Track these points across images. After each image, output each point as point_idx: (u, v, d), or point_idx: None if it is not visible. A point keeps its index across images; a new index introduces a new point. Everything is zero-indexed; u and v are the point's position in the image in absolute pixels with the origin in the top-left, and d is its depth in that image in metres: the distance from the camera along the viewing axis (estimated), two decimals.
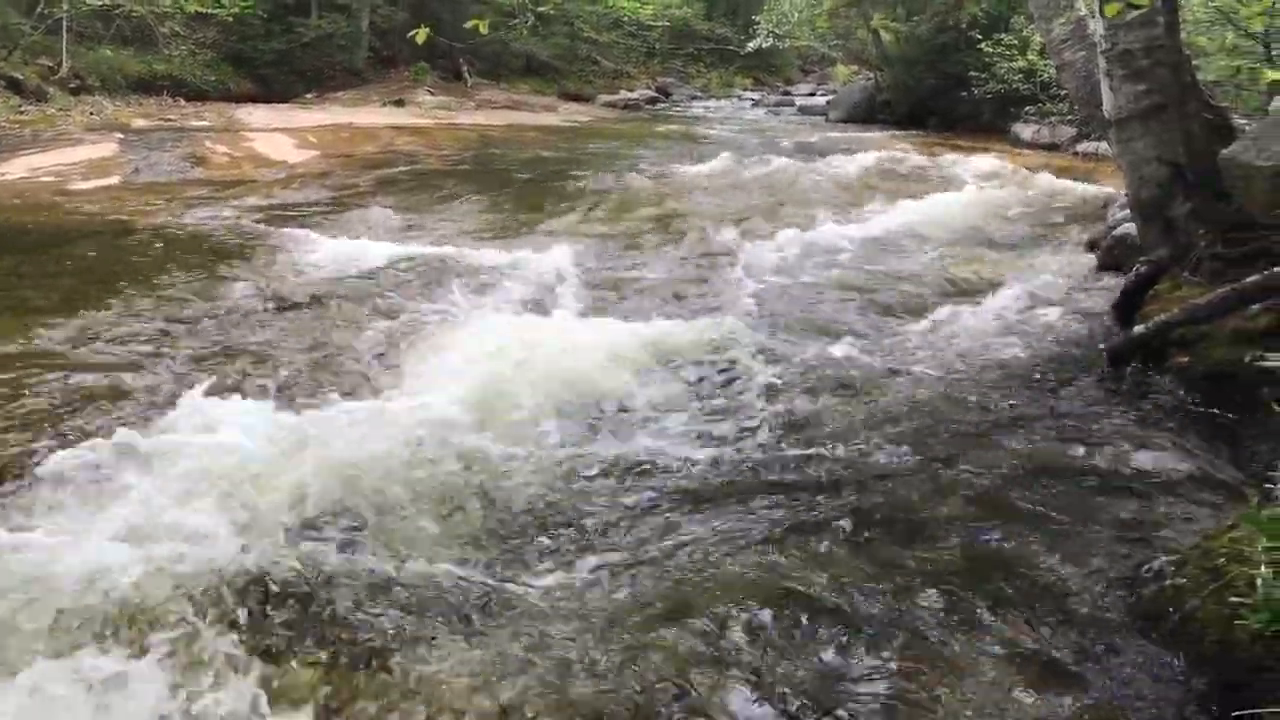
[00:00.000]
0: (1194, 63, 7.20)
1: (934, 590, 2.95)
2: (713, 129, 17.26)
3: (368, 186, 10.01)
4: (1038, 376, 4.84)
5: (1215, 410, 4.33)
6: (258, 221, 8.09)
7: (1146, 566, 2.96)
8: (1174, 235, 5.44)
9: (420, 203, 9.11)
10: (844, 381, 4.73)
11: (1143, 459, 3.88)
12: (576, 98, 22.68)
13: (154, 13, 16.94)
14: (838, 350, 5.15)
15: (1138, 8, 4.62)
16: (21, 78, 14.30)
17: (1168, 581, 2.81)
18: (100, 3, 15.93)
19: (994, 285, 6.34)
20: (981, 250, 7.45)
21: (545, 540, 3.29)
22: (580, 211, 8.85)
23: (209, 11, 17.51)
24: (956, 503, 3.51)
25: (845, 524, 3.35)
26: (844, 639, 2.73)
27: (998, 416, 4.34)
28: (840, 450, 3.97)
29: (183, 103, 16.20)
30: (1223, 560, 2.67)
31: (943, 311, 5.83)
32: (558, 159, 12.57)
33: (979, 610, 2.86)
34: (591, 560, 3.16)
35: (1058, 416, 4.34)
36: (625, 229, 8.14)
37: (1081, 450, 3.97)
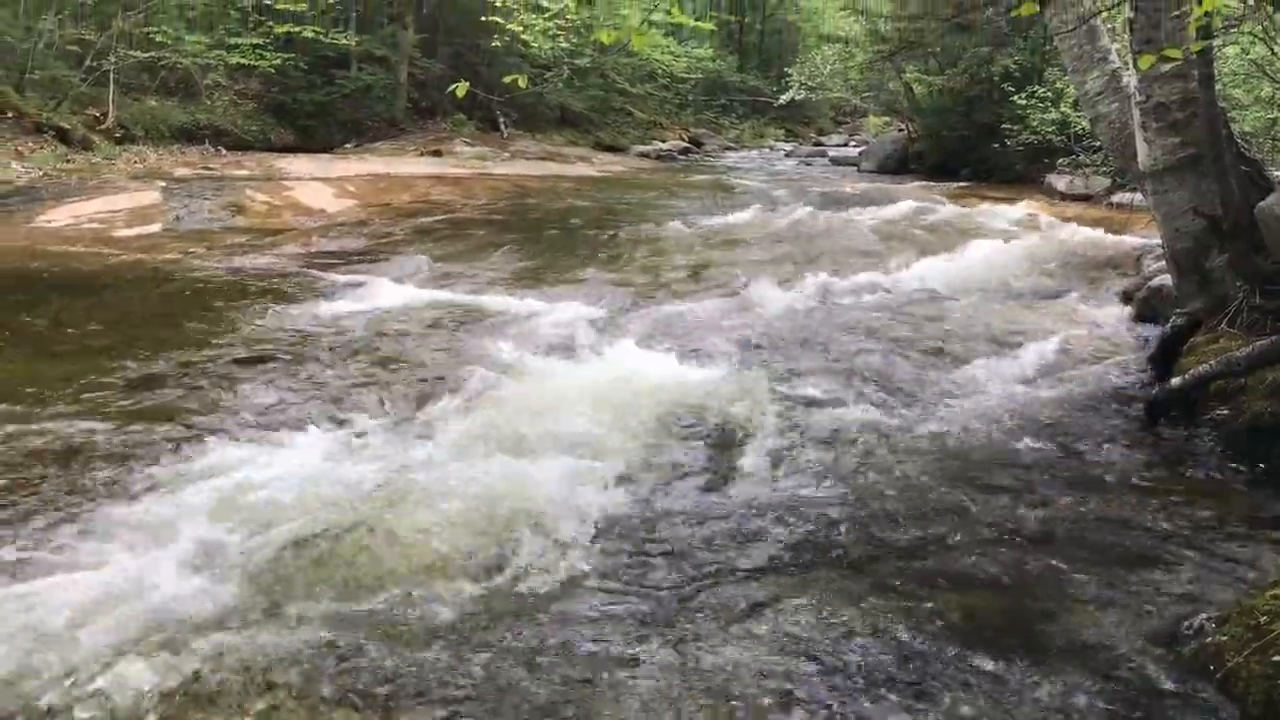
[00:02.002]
0: (1229, 115, 7.19)
1: (970, 644, 2.91)
2: (745, 180, 17.38)
3: (405, 235, 10.13)
4: (1074, 428, 4.80)
5: (1255, 463, 4.28)
6: (296, 268, 8.21)
7: (1187, 623, 2.92)
8: (1210, 287, 5.41)
9: (456, 251, 9.21)
10: (877, 431, 4.71)
11: (1181, 513, 3.83)
12: (610, 149, 22.94)
13: (197, 64, 17.33)
14: (871, 399, 5.14)
15: (1172, 60, 4.63)
16: (69, 127, 14.64)
17: (1209, 639, 2.77)
18: (146, 55, 16.32)
19: (1028, 336, 6.31)
20: (1016, 301, 7.42)
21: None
22: (614, 260, 8.92)
23: (251, 64, 17.89)
24: (992, 556, 3.48)
25: (878, 577, 3.33)
26: (880, 692, 2.70)
27: (1033, 469, 4.31)
28: (872, 501, 3.95)
29: (224, 152, 16.52)
30: (1265, 618, 2.62)
31: (976, 362, 5.81)
32: (592, 209, 12.68)
33: (1014, 665, 2.82)
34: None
35: (1094, 469, 4.30)
36: (658, 277, 8.18)
37: (1119, 503, 3.93)
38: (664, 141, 24.81)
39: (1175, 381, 4.79)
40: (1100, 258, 8.78)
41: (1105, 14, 6.24)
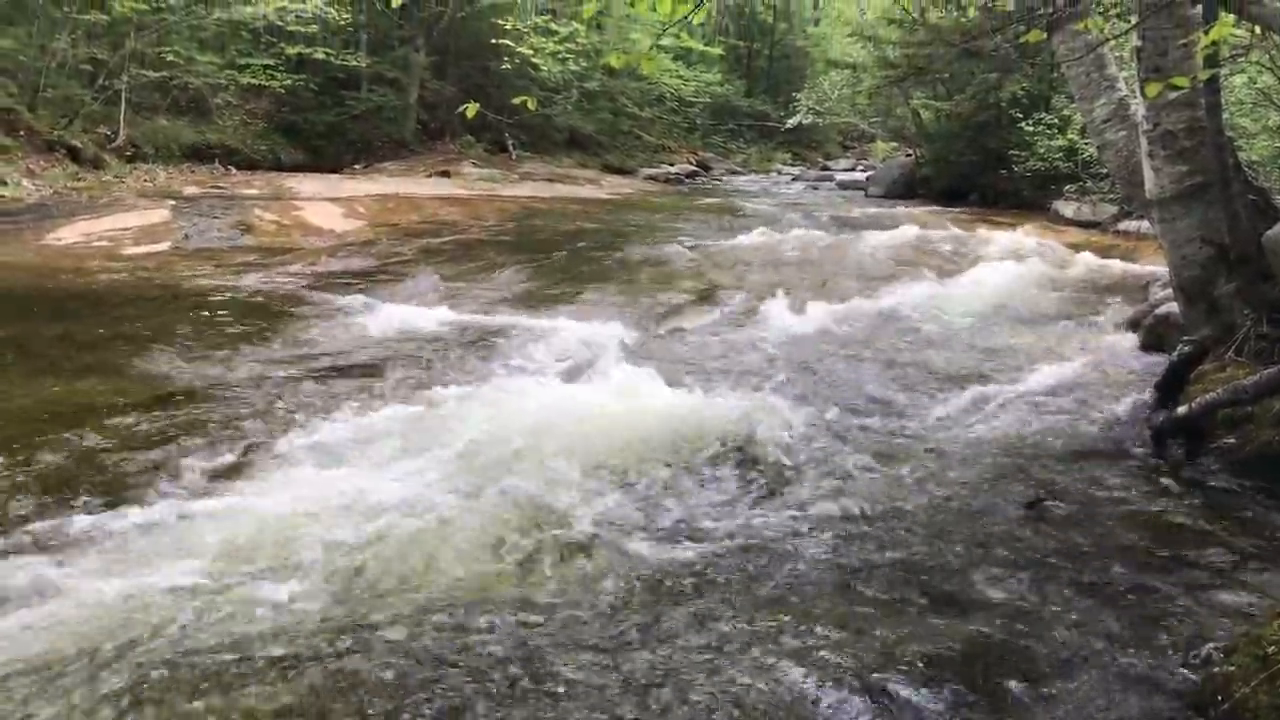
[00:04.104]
0: (1237, 143, 7.20)
1: (972, 675, 2.90)
2: (752, 203, 17.41)
3: (413, 255, 10.17)
4: (1079, 456, 4.79)
5: (1262, 492, 4.26)
6: (304, 287, 8.24)
7: (1194, 653, 2.90)
8: (1218, 315, 5.40)
9: (464, 271, 9.23)
10: (881, 457, 4.70)
11: (1187, 541, 3.82)
12: (619, 171, 22.96)
13: (209, 84, 17.42)
14: (876, 425, 5.13)
15: (1179, 89, 4.64)
16: (80, 145, 14.70)
17: (1216, 669, 2.75)
18: (158, 74, 16.42)
19: (1035, 363, 6.31)
20: (1022, 327, 7.42)
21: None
22: (621, 282, 8.93)
23: (262, 84, 17.97)
24: (995, 583, 3.47)
25: (881, 603, 3.32)
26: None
27: (1039, 495, 4.29)
28: (877, 528, 3.94)
29: (234, 171, 16.56)
30: (1273, 648, 2.61)
31: (982, 388, 5.80)
32: (600, 231, 12.71)
33: (1019, 696, 2.81)
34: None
35: (1100, 496, 4.29)
36: (665, 300, 8.19)
37: (1124, 531, 3.92)
38: (672, 164, 24.84)
39: (1182, 409, 4.77)
40: (1107, 285, 8.79)
41: (1113, 42, 6.27)
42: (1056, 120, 14.85)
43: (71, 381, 5.38)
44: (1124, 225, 12.40)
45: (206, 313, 7.16)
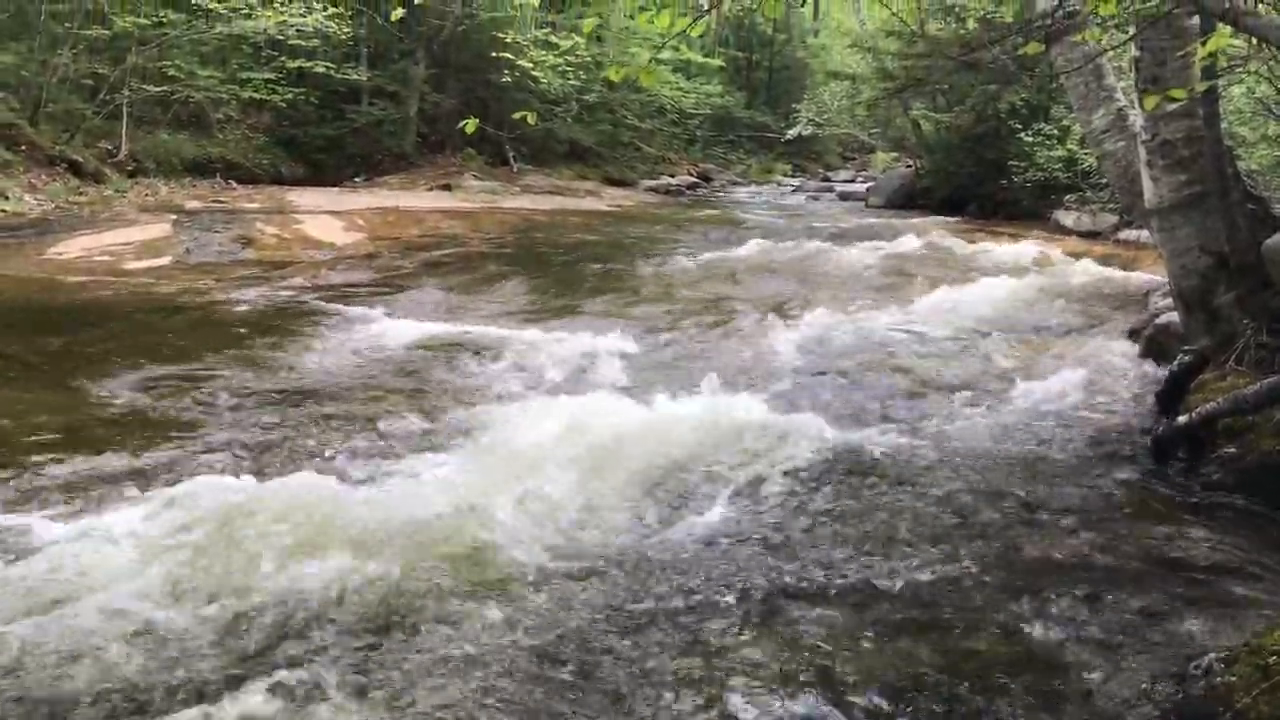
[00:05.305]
0: (1235, 153, 7.22)
1: (974, 685, 2.90)
2: (753, 214, 17.44)
3: (414, 268, 10.18)
4: (1080, 466, 4.78)
5: (1263, 502, 4.26)
6: (305, 301, 8.24)
7: (1195, 663, 2.90)
8: (1218, 325, 5.40)
9: (465, 284, 9.25)
10: (882, 467, 4.70)
11: (1188, 551, 3.81)
12: (619, 183, 22.97)
13: (210, 99, 17.46)
14: (876, 435, 5.13)
15: (1177, 100, 4.65)
16: (81, 160, 14.73)
17: (1218, 679, 2.75)
18: (159, 89, 16.47)
19: (1035, 373, 6.31)
20: (1022, 337, 7.42)
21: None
22: (622, 294, 8.94)
23: (263, 98, 18.01)
24: (995, 594, 3.47)
25: (880, 614, 3.32)
26: None
27: (1039, 506, 4.29)
28: (876, 538, 3.94)
29: (235, 185, 16.59)
30: (1274, 659, 2.60)
31: (982, 398, 5.80)
32: (600, 243, 12.73)
33: (1020, 706, 2.81)
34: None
35: (1100, 506, 4.29)
36: (666, 311, 8.19)
37: (1125, 541, 3.91)
38: (672, 176, 24.86)
39: (1182, 419, 4.77)
40: (1107, 294, 8.78)
41: (1111, 53, 6.28)
42: (1056, 131, 14.86)
43: (70, 394, 5.39)
44: (1124, 235, 12.39)
45: (207, 326, 7.18)
